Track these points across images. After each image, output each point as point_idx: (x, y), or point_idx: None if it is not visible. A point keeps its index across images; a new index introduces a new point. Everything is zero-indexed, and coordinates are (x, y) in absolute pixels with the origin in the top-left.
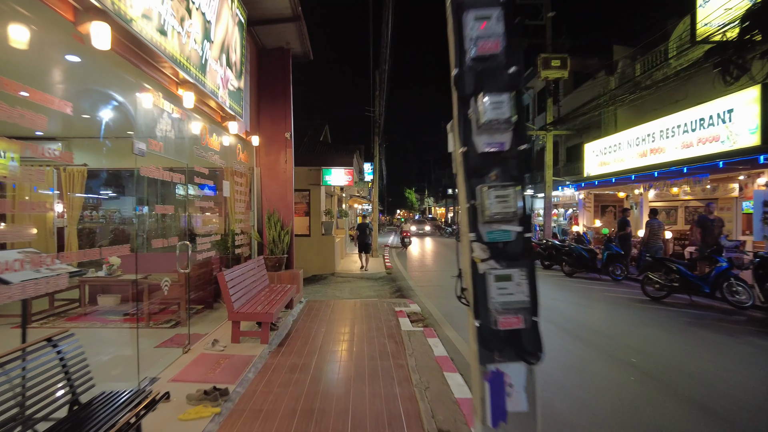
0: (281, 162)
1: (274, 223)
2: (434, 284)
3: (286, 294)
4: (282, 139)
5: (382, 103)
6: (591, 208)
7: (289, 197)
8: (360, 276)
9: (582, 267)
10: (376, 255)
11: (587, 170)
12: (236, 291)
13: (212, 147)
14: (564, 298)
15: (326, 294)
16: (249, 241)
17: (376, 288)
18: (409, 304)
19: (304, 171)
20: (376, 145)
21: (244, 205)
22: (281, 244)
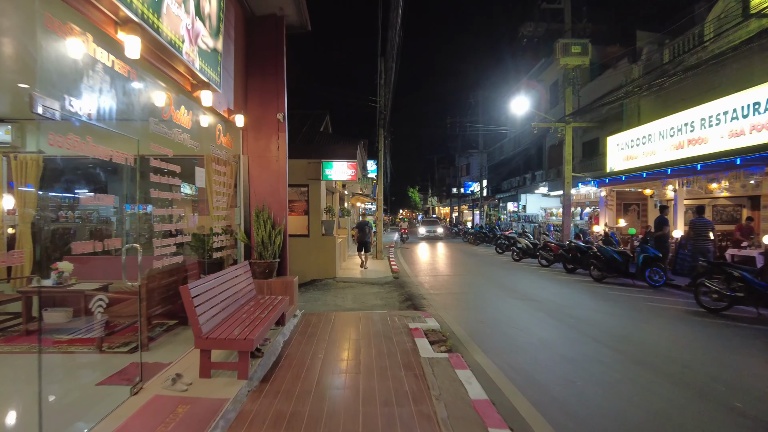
0: (272, 149)
1: (263, 221)
2: (449, 291)
3: (275, 308)
4: (273, 122)
5: (388, 92)
6: (613, 206)
7: (282, 191)
8: (364, 281)
9: (613, 271)
10: (381, 257)
11: (610, 165)
12: (207, 308)
13: (180, 123)
14: (604, 309)
15: (326, 303)
16: (234, 243)
17: (383, 295)
18: (425, 319)
19: (303, 164)
20: (381, 138)
21: (226, 199)
22: (272, 247)
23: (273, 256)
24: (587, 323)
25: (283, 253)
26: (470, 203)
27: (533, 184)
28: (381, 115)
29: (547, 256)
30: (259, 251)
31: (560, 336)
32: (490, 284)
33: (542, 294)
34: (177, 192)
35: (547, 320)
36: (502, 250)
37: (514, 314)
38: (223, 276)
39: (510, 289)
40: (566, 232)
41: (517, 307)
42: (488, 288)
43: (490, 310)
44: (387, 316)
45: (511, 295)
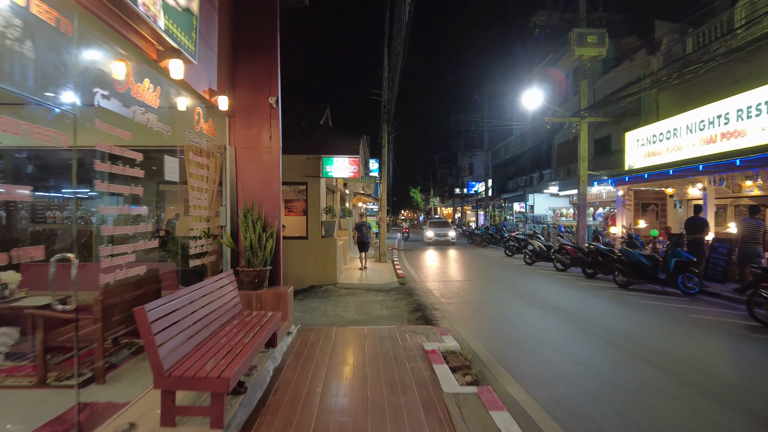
0: (264, 139)
1: (252, 222)
2: (463, 299)
3: (264, 328)
4: (265, 108)
5: (394, 81)
6: (631, 206)
7: (275, 187)
8: (367, 287)
9: (641, 277)
10: (385, 260)
11: (629, 162)
12: (172, 334)
13: (143, 100)
14: (642, 321)
15: (326, 313)
16: (220, 249)
17: (389, 304)
18: (441, 336)
19: (301, 160)
20: (385, 133)
21: (209, 197)
22: (262, 252)
23: (263, 263)
24: (628, 339)
25: (275, 260)
26: (474, 203)
27: (541, 183)
28: (385, 109)
29: (564, 259)
30: (246, 257)
31: (602, 356)
32: (506, 291)
33: (566, 302)
34: (137, 186)
35: (580, 335)
36: (512, 253)
37: (541, 328)
38: (197, 290)
39: (529, 297)
40: (582, 234)
41: (542, 318)
42: (505, 295)
43: (513, 322)
44: (396, 332)
45: (531, 303)
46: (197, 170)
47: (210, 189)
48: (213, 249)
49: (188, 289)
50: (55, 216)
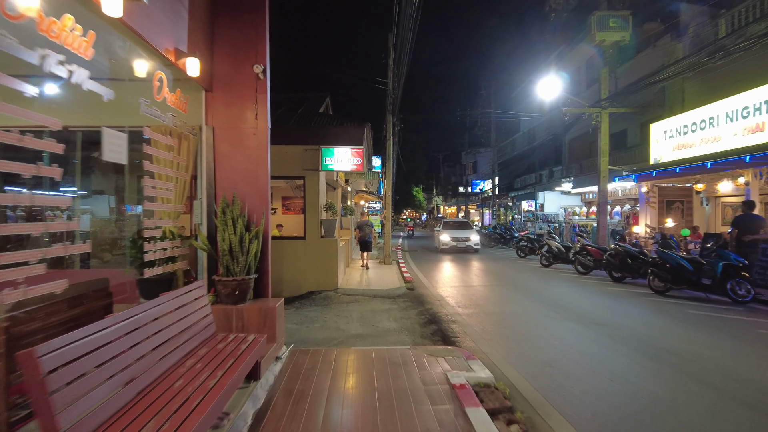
0: (248, 118)
1: (231, 220)
2: (483, 309)
3: (242, 359)
4: (250, 79)
5: (403, 64)
6: (656, 203)
7: (261, 177)
8: (372, 293)
9: (681, 282)
10: (390, 261)
11: (655, 156)
12: (86, 388)
13: (60, 41)
14: (704, 339)
15: (325, 326)
16: (193, 253)
17: (398, 314)
18: (467, 362)
19: (297, 152)
20: (390, 126)
21: (177, 187)
22: (244, 257)
23: (246, 270)
24: (699, 365)
25: (262, 266)
26: (479, 202)
27: (551, 180)
28: (390, 99)
29: (586, 261)
30: (225, 264)
31: (678, 391)
32: (530, 298)
33: (602, 313)
34: (51, 167)
35: (636, 359)
36: (524, 254)
37: (584, 348)
38: (143, 313)
39: (558, 306)
40: (602, 234)
41: (581, 335)
42: (530, 304)
43: (549, 340)
44: (411, 354)
45: (563, 315)
46: (159, 152)
47: (180, 178)
48: (184, 253)
49: (128, 313)
50: None
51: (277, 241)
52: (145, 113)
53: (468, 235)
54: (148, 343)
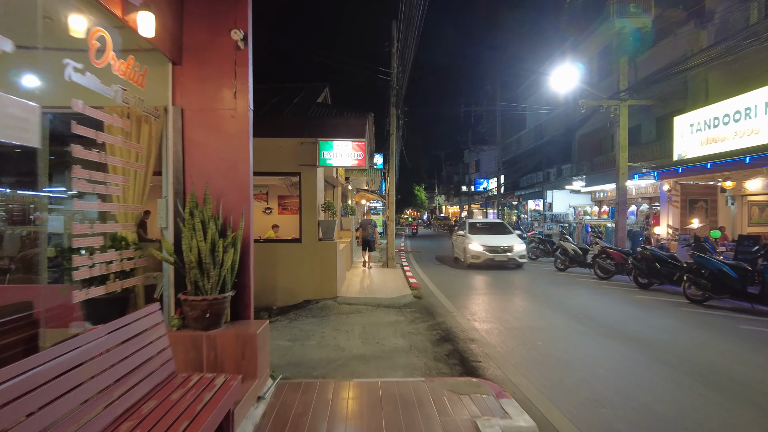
0: (226, 97)
1: (201, 222)
2: (504, 323)
3: (206, 414)
4: (228, 47)
5: (409, 51)
6: (678, 202)
7: (242, 169)
8: (375, 301)
9: (723, 291)
10: (393, 264)
11: (679, 151)
12: None
13: None
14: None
15: (322, 343)
16: (157, 264)
17: (405, 328)
18: (498, 401)
19: (293, 145)
20: (394, 118)
21: (131, 181)
22: (217, 270)
23: (219, 286)
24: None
25: (241, 280)
26: (483, 201)
27: (560, 178)
28: (394, 90)
29: (607, 265)
30: (193, 279)
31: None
32: (553, 309)
33: (640, 327)
34: None
35: (707, 394)
36: (535, 256)
37: (637, 377)
38: (63, 357)
39: (587, 318)
40: (621, 235)
41: (627, 358)
42: (554, 316)
43: (593, 367)
44: (427, 390)
45: (596, 329)
46: (99, 135)
47: (135, 170)
48: (140, 266)
49: (46, 355)
50: None
51: (270, 244)
52: (74, 81)
53: (509, 243)
54: (65, 401)
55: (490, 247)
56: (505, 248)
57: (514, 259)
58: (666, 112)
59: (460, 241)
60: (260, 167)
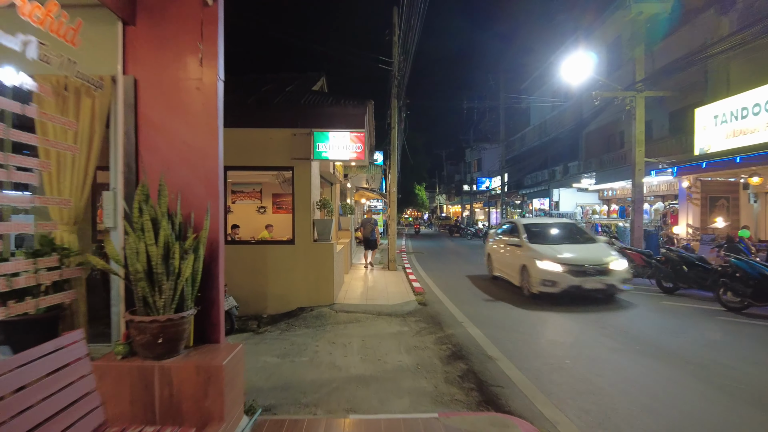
0: (190, 65)
1: (149, 221)
2: (521, 335)
3: None
4: (191, 2)
5: (413, 39)
6: (699, 200)
7: (210, 156)
8: (376, 309)
9: (766, 298)
10: (395, 267)
11: (701, 145)
12: None
13: None
14: None
15: (315, 361)
16: (99, 274)
17: (410, 342)
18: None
19: (285, 137)
20: (395, 111)
21: (63, 169)
22: (171, 282)
23: (176, 303)
24: None
25: (208, 294)
26: (485, 201)
27: (566, 176)
28: (395, 80)
29: None
30: (141, 294)
31: None
32: (576, 320)
33: (679, 342)
34: None
35: None
36: None
37: (697, 411)
38: None
39: (615, 330)
40: (638, 235)
41: (675, 382)
42: (579, 328)
43: (637, 396)
44: (444, 430)
45: (629, 344)
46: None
47: (75, 157)
48: (73, 277)
49: None
50: None
51: (260, 246)
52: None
53: (604, 259)
54: None
55: (574, 267)
56: (599, 267)
57: (613, 285)
58: (681, 106)
59: (508, 254)
60: (249, 161)
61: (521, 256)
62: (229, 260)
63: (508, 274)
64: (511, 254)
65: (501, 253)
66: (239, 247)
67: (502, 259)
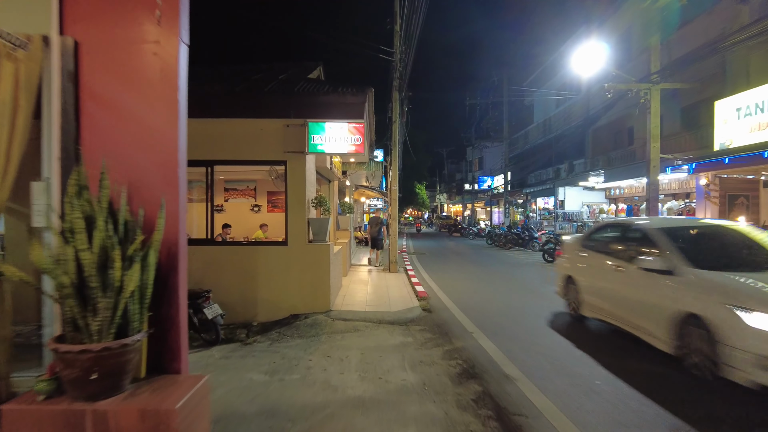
0: (144, 24)
1: (81, 219)
2: (542, 352)
3: None
4: None
5: (416, 24)
6: (717, 198)
7: (169, 138)
8: (377, 317)
9: None
10: (396, 268)
11: (722, 140)
12: None
13: None
14: None
15: (307, 380)
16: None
17: (415, 355)
18: None
19: (277, 128)
20: (396, 104)
21: None
22: (109, 299)
23: (118, 325)
24: None
25: (164, 311)
26: (487, 200)
27: (572, 175)
28: (396, 72)
29: None
30: (69, 314)
31: None
32: (597, 328)
33: None
34: None
35: None
36: (552, 258)
37: None
38: None
39: None
40: None
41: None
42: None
43: None
44: None
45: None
46: None
47: None
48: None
49: None
50: None
51: (249, 248)
52: None
53: None
54: None
55: None
56: None
57: None
58: (695, 100)
59: (632, 285)
60: (237, 155)
61: (676, 294)
62: (216, 264)
63: (634, 324)
64: (640, 287)
65: (609, 281)
66: (227, 248)
67: (612, 292)
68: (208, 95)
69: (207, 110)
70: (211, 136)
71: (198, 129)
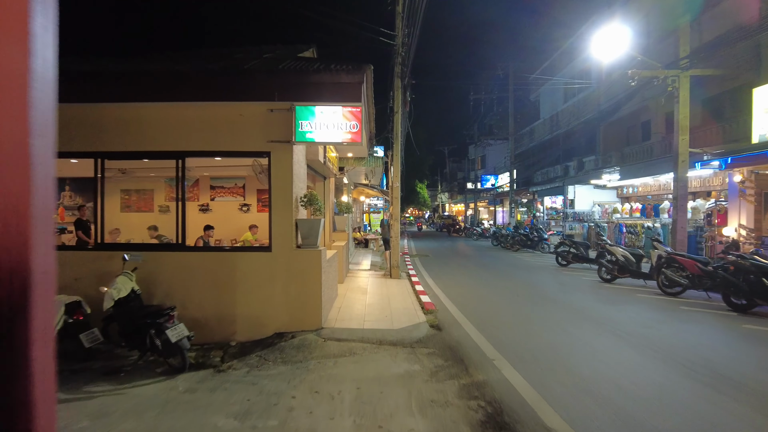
0: None
1: None
2: (591, 387)
3: None
4: None
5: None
6: (753, 197)
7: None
8: (377, 337)
9: None
10: (398, 275)
11: (761, 131)
12: None
13: None
14: None
15: (286, 427)
16: None
17: (424, 391)
18: None
19: (260, 113)
20: (398, 92)
21: None
22: None
23: None
24: None
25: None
26: (491, 199)
27: (582, 172)
28: (398, 57)
29: (677, 278)
30: None
31: None
32: (646, 354)
33: None
34: None
35: None
36: (566, 261)
37: None
38: None
39: (709, 371)
40: (681, 238)
41: None
42: (657, 367)
43: None
44: None
45: (741, 397)
46: None
47: None
48: None
49: None
50: None
51: (226, 255)
52: None
53: None
54: None
55: None
56: None
57: None
58: (722, 90)
59: None
60: (211, 145)
61: None
62: (187, 273)
63: None
64: None
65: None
66: (200, 255)
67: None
68: (177, 75)
69: (176, 93)
70: (181, 123)
71: (165, 114)
